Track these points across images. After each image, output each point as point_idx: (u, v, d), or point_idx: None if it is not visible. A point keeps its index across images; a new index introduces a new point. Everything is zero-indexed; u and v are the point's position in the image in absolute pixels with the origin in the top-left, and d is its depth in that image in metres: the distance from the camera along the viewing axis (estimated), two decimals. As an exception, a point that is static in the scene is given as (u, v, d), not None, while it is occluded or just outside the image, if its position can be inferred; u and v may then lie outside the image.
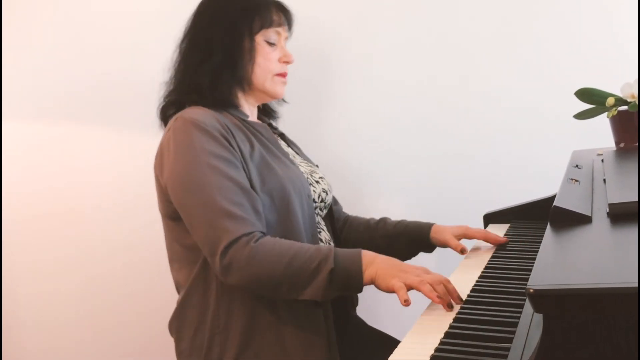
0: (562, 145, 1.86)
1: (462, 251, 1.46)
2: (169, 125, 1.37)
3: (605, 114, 1.55)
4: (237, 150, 1.32)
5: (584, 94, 1.56)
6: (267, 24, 1.44)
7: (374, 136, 2.11)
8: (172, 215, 1.37)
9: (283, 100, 1.60)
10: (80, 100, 2.19)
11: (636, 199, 0.95)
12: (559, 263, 0.82)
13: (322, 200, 1.47)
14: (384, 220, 1.62)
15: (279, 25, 1.46)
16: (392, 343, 1.25)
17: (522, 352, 0.86)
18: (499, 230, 1.59)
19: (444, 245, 1.51)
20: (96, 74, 2.18)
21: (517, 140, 2.02)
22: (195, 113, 1.34)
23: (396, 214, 1.66)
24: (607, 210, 0.99)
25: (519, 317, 1.00)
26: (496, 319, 1.01)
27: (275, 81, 1.46)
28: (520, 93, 2.01)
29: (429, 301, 1.17)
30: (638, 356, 0.66)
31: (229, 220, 1.23)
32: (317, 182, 1.48)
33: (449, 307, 1.11)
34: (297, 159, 1.53)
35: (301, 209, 1.37)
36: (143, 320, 2.26)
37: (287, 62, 1.48)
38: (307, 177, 1.45)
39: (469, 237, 1.51)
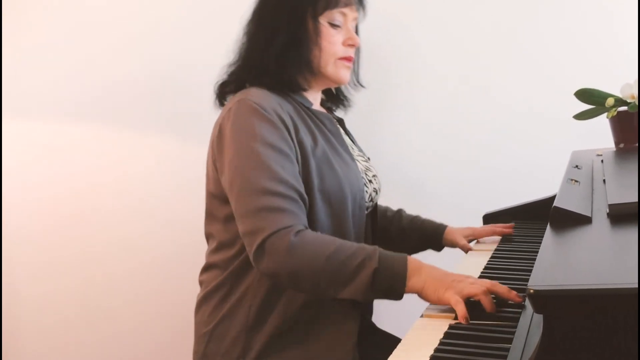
0: (561, 145, 1.86)
1: (469, 250, 1.54)
2: (229, 104, 1.33)
3: (605, 114, 1.55)
4: (296, 143, 1.29)
5: (583, 95, 1.57)
6: (332, 5, 1.37)
7: (374, 136, 2.11)
8: (219, 196, 1.33)
9: (360, 84, 1.54)
10: (80, 100, 2.19)
11: (636, 200, 0.95)
12: (559, 263, 0.82)
13: (371, 200, 1.44)
14: (399, 213, 1.64)
15: (345, 5, 1.39)
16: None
17: (522, 353, 0.86)
18: (499, 231, 1.60)
19: (453, 245, 1.57)
20: (98, 74, 2.18)
21: (516, 140, 2.02)
22: (258, 96, 1.30)
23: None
24: (607, 210, 0.99)
25: (518, 318, 1.00)
26: (496, 320, 1.01)
27: (337, 65, 1.40)
28: (520, 93, 2.01)
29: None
30: (638, 357, 0.66)
31: (270, 212, 1.19)
32: (371, 181, 1.44)
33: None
34: (355, 152, 1.49)
35: (352, 210, 1.34)
36: (144, 322, 2.26)
37: (352, 46, 1.41)
38: (363, 177, 1.41)
39: (478, 237, 1.58)
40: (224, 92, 1.43)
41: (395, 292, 1.15)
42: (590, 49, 1.95)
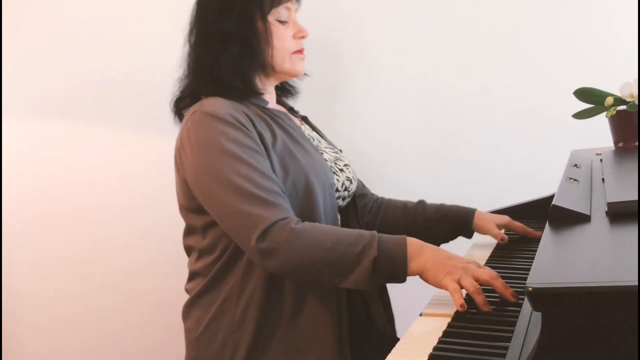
0: (560, 144, 1.86)
1: (502, 239, 1.48)
2: (186, 118, 1.34)
3: (604, 113, 1.55)
4: (259, 139, 1.29)
5: (582, 94, 1.56)
6: (277, 2, 1.38)
7: (375, 135, 2.11)
8: (193, 208, 1.34)
9: (305, 74, 1.54)
10: (80, 99, 2.19)
11: (635, 198, 0.95)
12: (558, 262, 0.82)
13: (345, 189, 1.44)
14: (422, 204, 1.61)
15: (287, 0, 1.41)
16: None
17: (521, 351, 0.86)
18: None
19: (486, 233, 1.53)
20: (97, 73, 2.18)
21: (515, 139, 2.02)
22: (214, 105, 1.30)
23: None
24: (606, 209, 0.99)
25: (517, 316, 1.00)
26: (495, 318, 1.02)
27: (293, 59, 1.42)
28: (519, 92, 2.01)
29: (428, 299, 1.17)
30: (638, 355, 0.66)
31: (262, 207, 1.19)
32: (342, 170, 1.44)
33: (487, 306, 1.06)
34: (322, 144, 1.50)
35: (323, 199, 1.33)
36: (143, 321, 2.26)
37: (303, 37, 1.43)
38: (331, 166, 1.41)
39: (512, 229, 1.53)
40: (179, 108, 1.44)
41: (397, 276, 1.16)
42: (590, 48, 1.95)
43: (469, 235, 1.57)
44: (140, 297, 2.25)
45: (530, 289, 0.69)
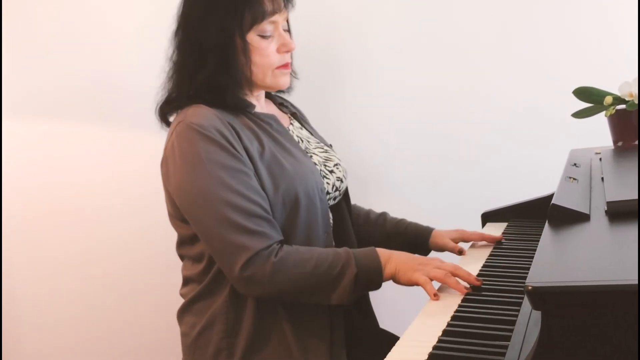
0: (560, 144, 1.86)
1: (460, 252, 1.50)
2: (171, 129, 1.31)
3: (603, 112, 1.55)
4: (245, 155, 1.26)
5: (582, 93, 1.56)
6: (259, 18, 1.29)
7: (374, 136, 2.11)
8: (180, 218, 1.33)
9: (295, 76, 1.48)
10: (80, 99, 2.19)
11: (634, 197, 0.95)
12: (558, 261, 0.82)
13: (336, 189, 1.43)
14: (383, 216, 1.61)
15: (273, 13, 1.31)
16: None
17: (520, 350, 0.86)
18: (497, 229, 1.59)
19: (442, 249, 1.54)
20: (98, 73, 2.18)
21: (515, 138, 2.02)
22: (198, 116, 1.27)
23: (395, 211, 1.66)
24: (606, 208, 0.99)
25: (517, 315, 1.00)
26: (494, 317, 1.02)
27: (275, 75, 1.35)
28: (518, 92, 2.01)
29: (427, 298, 1.17)
30: (638, 354, 0.66)
31: (244, 236, 1.20)
32: (332, 171, 1.43)
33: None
34: (312, 144, 1.47)
35: (314, 205, 1.33)
36: (142, 321, 2.26)
37: (287, 51, 1.35)
38: (321, 170, 1.40)
39: (466, 240, 1.54)
40: (164, 113, 1.39)
41: (375, 286, 1.25)
42: (589, 48, 1.95)
43: (425, 252, 1.56)
44: (139, 297, 2.25)
45: (530, 288, 0.69)
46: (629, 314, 0.66)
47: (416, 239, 1.56)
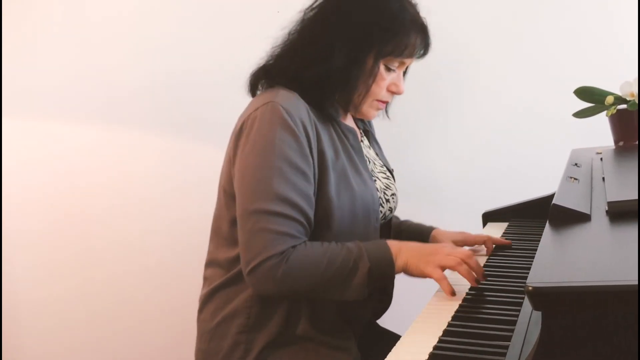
0: (561, 143, 1.86)
1: None
2: (257, 102, 1.26)
3: (605, 112, 1.55)
4: (315, 154, 1.24)
5: (583, 93, 1.56)
6: (397, 53, 1.29)
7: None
8: (230, 192, 1.29)
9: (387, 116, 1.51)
10: (80, 100, 2.19)
11: (635, 197, 0.95)
12: (558, 261, 0.82)
13: (384, 217, 1.42)
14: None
15: (411, 55, 1.32)
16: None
17: (521, 350, 0.86)
18: (498, 229, 1.60)
19: None
20: (98, 74, 2.18)
21: (516, 138, 2.02)
22: (290, 102, 1.23)
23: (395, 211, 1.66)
24: (606, 208, 0.99)
25: (517, 315, 1.00)
26: (495, 317, 1.02)
27: (372, 105, 1.34)
28: (520, 92, 2.01)
29: (428, 298, 1.17)
30: (638, 354, 0.66)
31: (269, 234, 1.18)
32: (388, 200, 1.41)
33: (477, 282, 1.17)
34: (377, 166, 1.45)
35: (366, 226, 1.32)
36: (143, 323, 2.26)
37: (395, 92, 1.35)
38: (380, 197, 1.38)
39: (470, 244, 1.50)
40: (255, 83, 1.35)
41: (387, 278, 1.23)
42: (590, 48, 1.95)
43: None
44: (140, 299, 2.25)
45: (530, 288, 0.68)
46: (630, 314, 0.66)
47: (417, 239, 1.54)
